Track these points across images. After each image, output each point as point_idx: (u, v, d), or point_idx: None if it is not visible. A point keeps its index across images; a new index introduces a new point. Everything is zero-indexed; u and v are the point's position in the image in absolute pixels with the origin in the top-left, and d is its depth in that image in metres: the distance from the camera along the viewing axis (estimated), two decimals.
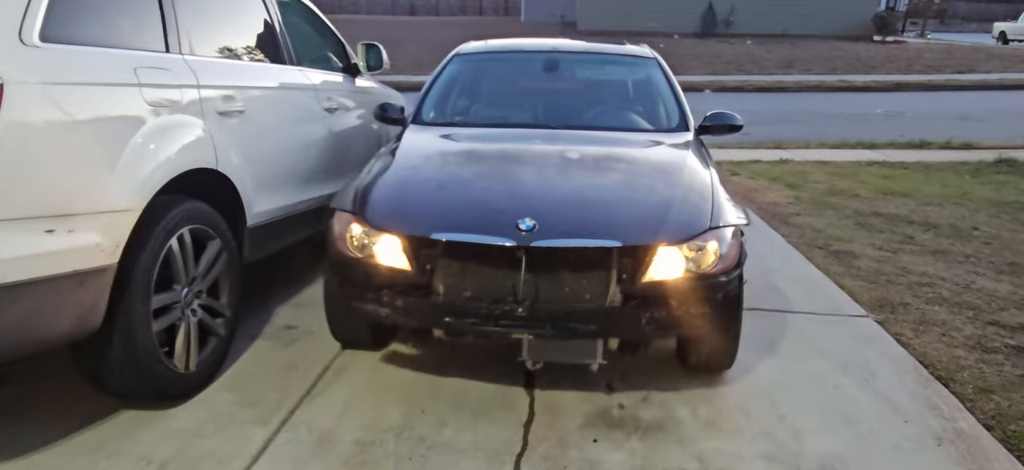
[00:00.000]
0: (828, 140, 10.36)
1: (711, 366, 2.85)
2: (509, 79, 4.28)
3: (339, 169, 3.95)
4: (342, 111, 4.01)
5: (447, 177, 2.99)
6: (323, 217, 3.74)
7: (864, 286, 4.03)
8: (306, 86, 3.61)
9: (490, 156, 3.26)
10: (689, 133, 3.61)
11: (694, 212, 2.61)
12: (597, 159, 3.19)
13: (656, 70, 4.12)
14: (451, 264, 2.46)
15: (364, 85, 4.55)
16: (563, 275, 2.43)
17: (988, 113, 13.19)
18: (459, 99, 4.02)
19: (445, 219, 2.53)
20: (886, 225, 5.54)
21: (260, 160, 3.08)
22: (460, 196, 2.77)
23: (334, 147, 3.86)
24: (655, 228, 2.49)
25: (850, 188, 7.10)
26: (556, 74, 4.21)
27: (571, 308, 2.43)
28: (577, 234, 2.45)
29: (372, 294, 2.53)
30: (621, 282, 2.43)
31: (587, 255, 2.43)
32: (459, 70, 4.16)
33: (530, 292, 2.41)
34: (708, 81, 16.39)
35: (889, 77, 16.92)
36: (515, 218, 2.44)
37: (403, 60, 21.81)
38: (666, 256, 2.45)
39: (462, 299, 2.45)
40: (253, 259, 3.14)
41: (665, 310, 2.45)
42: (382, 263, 2.53)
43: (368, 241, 2.56)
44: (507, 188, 2.79)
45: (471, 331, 2.51)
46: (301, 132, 3.52)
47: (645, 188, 2.86)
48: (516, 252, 2.39)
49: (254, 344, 3.14)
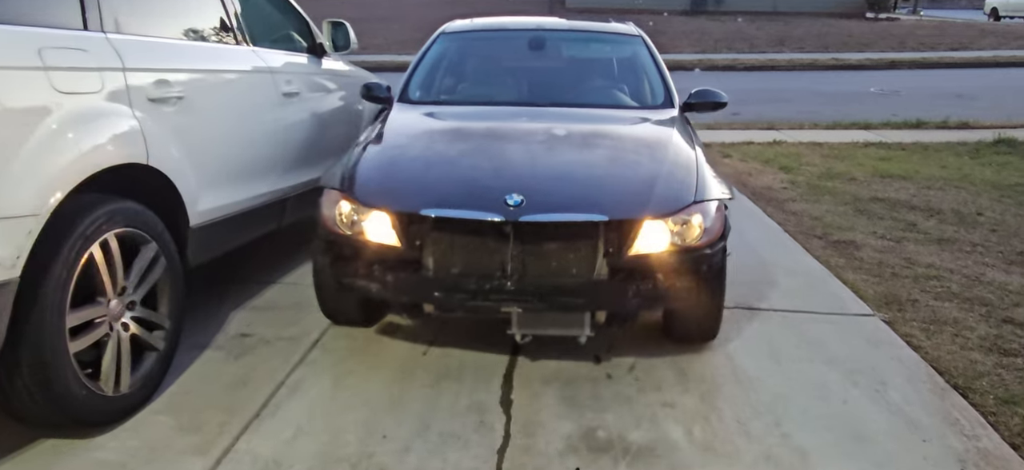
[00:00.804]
0: (822, 120, 10.09)
1: (695, 337, 2.91)
2: (495, 57, 4.27)
3: (304, 158, 3.63)
4: (305, 96, 3.68)
5: (435, 154, 2.99)
6: (285, 212, 3.44)
7: (868, 280, 3.76)
8: (261, 69, 3.27)
9: (477, 133, 3.26)
10: (674, 110, 3.62)
11: (679, 186, 2.65)
12: (583, 135, 3.19)
13: (641, 47, 4.13)
14: (440, 240, 2.49)
15: (332, 67, 4.21)
16: (551, 249, 2.46)
17: (983, 91, 12.95)
18: (445, 77, 4.01)
19: (434, 195, 2.56)
20: (887, 211, 5.28)
21: (204, 153, 2.76)
22: (448, 173, 2.78)
23: (296, 135, 3.53)
24: (641, 202, 2.53)
25: (846, 171, 6.83)
26: (542, 52, 4.19)
27: (559, 281, 2.46)
28: (564, 209, 2.47)
29: (363, 270, 2.56)
30: (608, 255, 2.47)
31: (574, 229, 2.46)
32: (445, 48, 4.14)
33: (518, 266, 2.45)
34: (698, 59, 16.06)
35: (883, 55, 16.65)
36: (503, 194, 2.47)
37: (389, 39, 21.32)
38: (652, 230, 2.50)
39: (451, 274, 2.49)
40: (200, 262, 2.83)
41: (651, 283, 2.49)
42: (372, 240, 2.56)
43: (357, 218, 2.59)
44: (495, 164, 2.81)
45: (461, 306, 2.52)
46: (255, 120, 3.18)
47: (631, 163, 2.91)
48: (504, 227, 2.42)
49: (202, 356, 2.83)
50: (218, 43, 3.07)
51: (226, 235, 2.95)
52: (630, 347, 2.94)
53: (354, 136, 4.39)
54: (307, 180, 3.66)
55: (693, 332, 2.89)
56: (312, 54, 4.03)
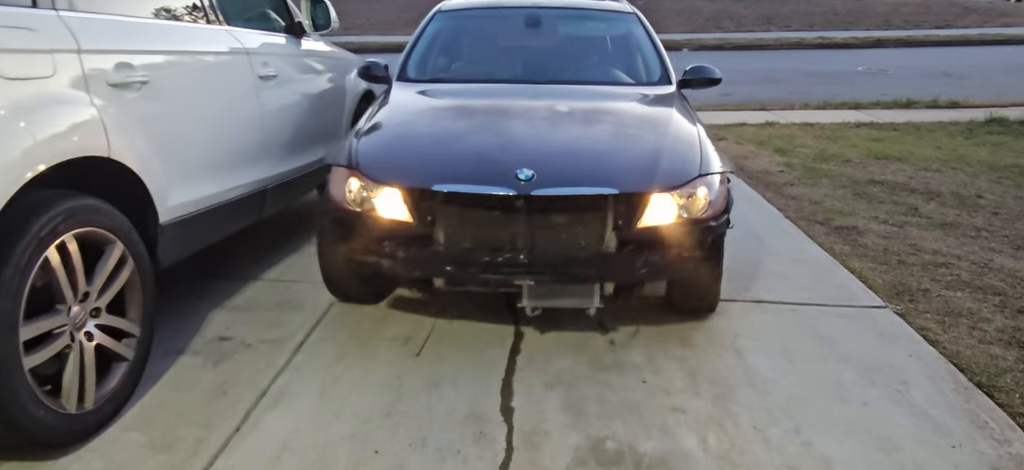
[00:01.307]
0: (812, 100, 9.97)
1: (697, 308, 2.98)
2: (492, 35, 4.28)
3: (283, 146, 3.40)
4: (284, 79, 3.44)
5: (442, 131, 3.03)
6: (264, 204, 3.22)
7: (876, 269, 3.62)
8: (235, 50, 3.03)
9: (481, 110, 3.30)
10: (671, 86, 3.67)
11: (684, 160, 2.70)
12: (586, 111, 3.23)
13: (636, 25, 4.17)
14: (452, 214, 2.52)
15: (312, 47, 3.97)
16: (561, 222, 2.51)
17: (970, 70, 12.92)
18: (443, 56, 4.03)
19: (445, 171, 2.58)
20: (886, 194, 5.16)
21: (174, 143, 2.53)
22: (458, 148, 2.80)
23: (275, 122, 3.30)
24: (648, 176, 2.58)
25: (841, 152, 6.71)
26: (539, 30, 4.20)
27: (569, 254, 2.51)
28: (574, 182, 2.51)
29: (373, 246, 2.58)
30: (616, 228, 2.52)
31: (584, 203, 2.50)
32: (442, 27, 4.16)
33: (529, 239, 2.48)
34: (686, 39, 15.88)
35: (869, 34, 16.59)
36: (514, 168, 2.50)
37: (372, 19, 20.90)
38: (659, 202, 2.55)
39: (463, 248, 2.52)
40: (173, 262, 2.61)
41: (658, 254, 2.54)
42: (383, 216, 2.58)
43: (367, 195, 2.60)
44: (503, 140, 2.83)
45: (472, 279, 2.56)
46: (229, 106, 2.95)
47: (636, 138, 2.96)
48: (516, 201, 2.45)
49: (177, 363, 2.62)
50: (187, 22, 2.82)
51: (200, 231, 2.73)
52: (636, 345, 2.78)
53: (337, 120, 4.19)
54: (288, 169, 3.44)
55: (696, 303, 2.95)
56: (291, 34, 3.79)
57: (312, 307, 3.10)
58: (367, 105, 4.75)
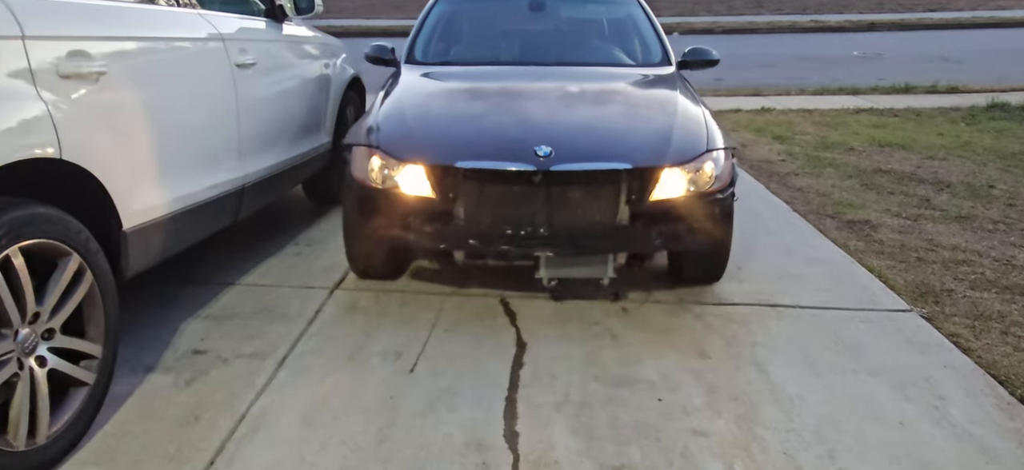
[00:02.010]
0: (808, 85, 9.78)
1: (703, 279, 3.11)
2: (496, 18, 4.35)
3: (263, 140, 3.14)
4: (264, 67, 3.18)
5: (459, 111, 3.17)
6: (241, 204, 2.97)
7: (895, 267, 3.43)
8: (209, 36, 2.76)
9: (494, 91, 3.41)
10: (672, 67, 3.79)
11: (692, 137, 2.82)
12: (595, 92, 3.36)
13: (636, 8, 4.28)
14: (473, 190, 2.62)
15: (295, 33, 3.70)
16: (577, 196, 2.62)
17: (966, 54, 12.78)
18: (450, 38, 4.11)
19: (466, 148, 2.68)
20: (895, 185, 4.97)
21: (138, 140, 2.27)
22: (477, 127, 2.92)
23: (254, 113, 3.04)
24: (660, 152, 2.71)
25: (843, 140, 6.52)
26: (542, 13, 4.31)
27: (586, 226, 2.64)
28: (590, 158, 2.63)
29: (398, 221, 2.70)
30: (630, 201, 2.65)
31: (600, 177, 2.62)
32: (447, 9, 4.24)
33: (548, 213, 2.60)
34: (676, 23, 15.63)
35: (862, 17, 16.41)
36: (532, 145, 2.60)
37: (356, 2, 20.47)
38: (670, 177, 2.67)
39: (484, 222, 2.63)
40: (140, 271, 2.36)
41: (669, 225, 2.68)
42: (406, 192, 2.68)
43: (389, 172, 2.70)
44: (519, 119, 2.94)
45: (493, 251, 2.67)
46: (201, 98, 2.68)
47: (645, 117, 3.09)
48: (535, 176, 2.55)
49: (145, 383, 2.38)
50: (153, 3, 2.55)
51: (170, 237, 2.47)
52: (648, 356, 2.56)
53: (322, 111, 3.93)
54: (268, 165, 3.18)
55: (702, 274, 3.08)
56: (271, 18, 3.51)
57: (295, 315, 2.86)
58: (354, 94, 4.52)
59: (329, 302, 3.01)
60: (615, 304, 2.99)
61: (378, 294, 3.08)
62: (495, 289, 3.11)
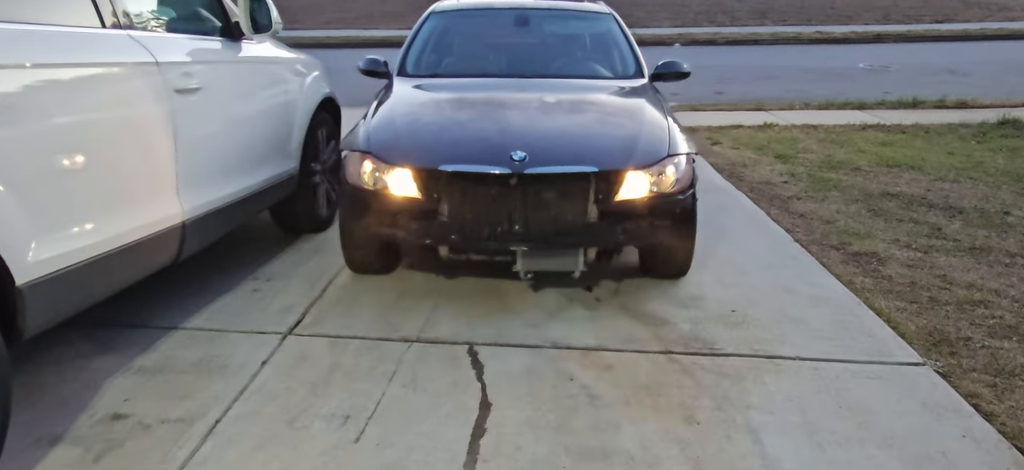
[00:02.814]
0: (813, 99, 9.48)
1: (671, 273, 3.35)
2: (483, 33, 4.60)
3: (211, 171, 2.87)
4: (213, 90, 2.91)
5: (445, 119, 3.41)
6: (182, 244, 2.69)
7: (905, 309, 3.13)
8: (140, 61, 2.48)
9: (478, 101, 3.62)
10: (644, 79, 4.04)
11: (655, 143, 3.06)
12: (570, 102, 3.61)
13: (613, 24, 4.52)
14: (455, 190, 2.85)
15: (253, 52, 3.43)
16: (550, 196, 2.84)
17: (974, 67, 12.46)
18: (439, 52, 4.32)
19: (449, 153, 2.91)
20: (903, 211, 4.67)
21: (40, 179, 1.99)
22: (460, 134, 3.16)
23: (199, 142, 2.77)
24: (624, 156, 2.94)
25: (849, 159, 6.22)
26: (526, 29, 4.54)
27: (558, 223, 2.86)
28: (561, 162, 2.86)
29: (388, 219, 2.95)
30: (598, 201, 2.87)
31: (570, 179, 2.85)
32: (436, 26, 4.46)
33: (523, 211, 2.82)
34: (677, 34, 15.36)
35: (868, 28, 16.11)
36: (508, 150, 2.82)
37: (357, 12, 20.30)
38: (634, 179, 2.91)
39: (466, 219, 2.86)
40: (44, 329, 2.08)
41: (634, 223, 2.93)
42: (395, 193, 2.92)
43: (380, 175, 2.94)
44: (498, 126, 3.16)
45: (474, 246, 2.91)
46: (127, 127, 2.40)
47: (614, 124, 3.36)
48: (511, 178, 2.78)
49: (48, 456, 2.09)
50: (66, 24, 2.27)
51: (83, 287, 2.19)
52: (626, 419, 2.27)
53: (286, 134, 3.65)
54: (215, 198, 2.90)
55: (669, 268, 3.32)
56: (227, 37, 3.24)
57: (237, 368, 2.58)
58: (326, 115, 4.25)
59: (279, 351, 2.72)
60: (594, 355, 2.70)
61: (333, 342, 2.79)
62: (463, 339, 2.82)
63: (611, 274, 3.46)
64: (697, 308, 3.11)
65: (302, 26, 16.87)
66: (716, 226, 4.27)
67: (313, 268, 3.58)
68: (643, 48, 4.49)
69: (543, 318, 2.99)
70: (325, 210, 4.20)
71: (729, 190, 5.18)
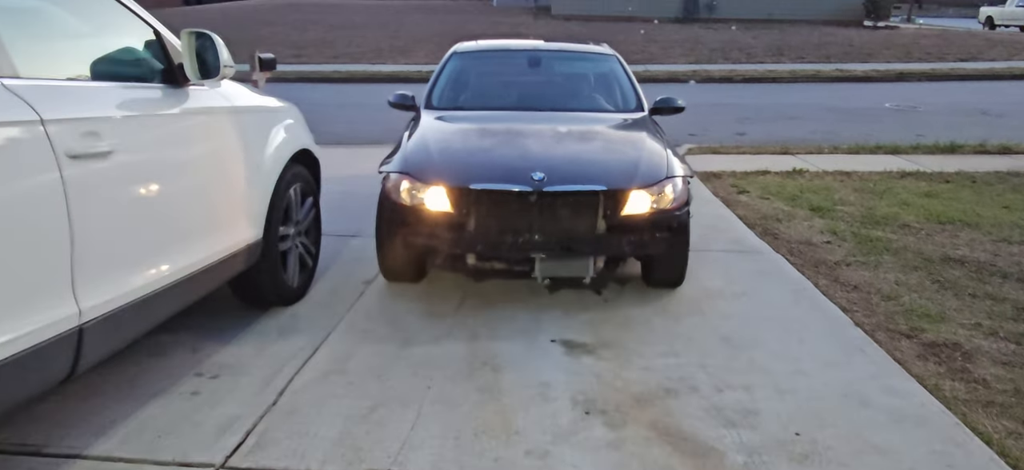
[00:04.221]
0: (841, 141, 8.84)
1: (668, 281, 3.72)
2: (501, 72, 5.13)
3: (133, 251, 2.26)
4: (133, 152, 2.30)
5: (472, 145, 3.84)
6: (80, 352, 2.05)
7: (1019, 434, 2.44)
8: (11, 120, 1.86)
9: (499, 131, 4.05)
10: (644, 112, 4.51)
11: (655, 166, 3.51)
12: (580, 131, 4.03)
13: (616, 64, 5.03)
14: (483, 206, 3.27)
15: (205, 102, 2.83)
16: (565, 212, 3.28)
17: (1008, 107, 11.81)
18: (462, 88, 4.77)
19: (478, 174, 3.35)
20: (974, 282, 3.99)
21: None
22: (486, 158, 3.61)
23: (108, 219, 2.15)
24: (629, 177, 3.39)
25: (893, 213, 5.55)
26: (538, 68, 5.09)
27: (572, 234, 3.30)
28: (575, 181, 3.31)
29: (423, 230, 3.36)
30: (606, 216, 3.31)
31: (582, 197, 3.29)
32: (459, 65, 4.96)
33: (541, 224, 3.26)
34: (692, 71, 14.83)
35: (890, 66, 15.52)
36: (529, 172, 3.27)
37: (365, 47, 19.96)
38: (637, 197, 3.35)
39: (491, 231, 3.28)
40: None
41: (637, 235, 3.37)
42: (430, 208, 3.32)
43: (417, 193, 3.35)
44: (519, 151, 3.62)
45: (498, 255, 3.33)
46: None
47: (618, 150, 3.83)
48: (531, 195, 3.22)
49: None
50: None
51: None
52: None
53: (244, 198, 3.04)
54: (131, 289, 2.26)
55: (667, 277, 3.68)
56: (169, 83, 2.65)
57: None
58: (302, 168, 3.65)
59: None
60: None
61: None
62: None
63: (635, 387, 2.79)
64: (750, 428, 2.44)
65: (310, 61, 16.49)
66: (759, 300, 3.62)
67: (273, 358, 2.94)
68: (657, 85, 4.34)
69: None
70: (297, 279, 3.58)
71: (766, 253, 4.52)
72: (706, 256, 4.42)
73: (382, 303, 3.59)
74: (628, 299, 3.66)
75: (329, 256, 4.23)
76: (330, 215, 5.15)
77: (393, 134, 4.39)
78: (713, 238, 4.79)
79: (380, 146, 7.46)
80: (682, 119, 4.95)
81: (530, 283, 3.59)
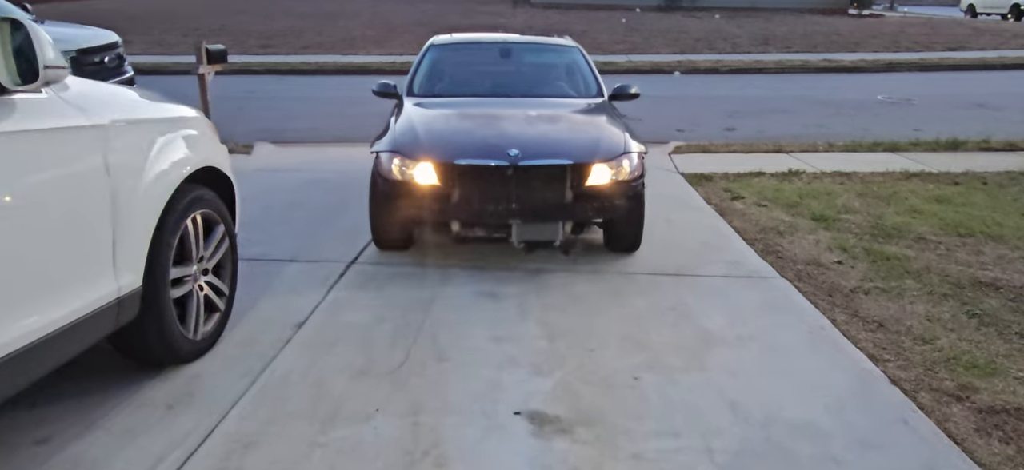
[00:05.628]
0: (836, 138, 8.24)
1: (626, 247, 4.23)
2: (475, 62, 5.59)
3: None
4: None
5: (454, 126, 4.36)
6: None
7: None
8: None
9: (477, 114, 4.60)
10: (604, 98, 5.05)
11: (614, 143, 4.01)
12: (549, 114, 4.57)
13: (578, 55, 5.53)
14: (466, 179, 3.73)
15: (35, 118, 2.09)
16: (537, 183, 3.76)
17: (1004, 99, 11.31)
18: (440, 77, 5.20)
19: (461, 151, 3.80)
20: (1016, 315, 3.38)
21: None
22: (468, 137, 4.11)
23: None
24: (592, 152, 3.89)
25: (905, 222, 4.95)
26: (509, 59, 5.58)
27: (543, 203, 3.78)
28: (545, 156, 3.78)
29: (413, 202, 3.80)
30: (572, 187, 3.80)
31: (552, 170, 3.77)
32: (436, 56, 5.40)
33: (517, 194, 3.72)
34: (677, 62, 14.18)
35: (879, 56, 15.01)
36: (505, 149, 3.74)
37: (336, 37, 19.07)
38: (599, 170, 3.84)
39: (473, 201, 3.75)
40: None
41: (599, 203, 3.86)
42: (419, 182, 3.77)
43: (406, 169, 3.79)
44: (496, 131, 4.11)
45: (478, 221, 3.84)
46: None
47: (582, 130, 4.39)
48: (508, 169, 3.68)
49: None
50: None
51: None
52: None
53: (103, 239, 2.31)
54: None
55: (624, 243, 4.20)
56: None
57: None
58: (204, 191, 2.92)
59: None
60: None
61: None
62: None
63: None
64: None
65: (277, 51, 15.60)
66: (770, 346, 3.00)
67: (146, 452, 2.23)
68: (641, 77, 3.92)
69: None
70: (202, 328, 2.88)
71: (771, 279, 3.88)
72: (702, 283, 3.77)
73: (309, 355, 2.90)
74: (611, 347, 2.99)
75: (258, 288, 3.53)
76: (267, 232, 4.44)
77: (360, 131, 4.25)
78: (709, 258, 4.15)
79: (345, 145, 6.71)
80: (669, 114, 4.69)
81: (496, 308, 3.12)
